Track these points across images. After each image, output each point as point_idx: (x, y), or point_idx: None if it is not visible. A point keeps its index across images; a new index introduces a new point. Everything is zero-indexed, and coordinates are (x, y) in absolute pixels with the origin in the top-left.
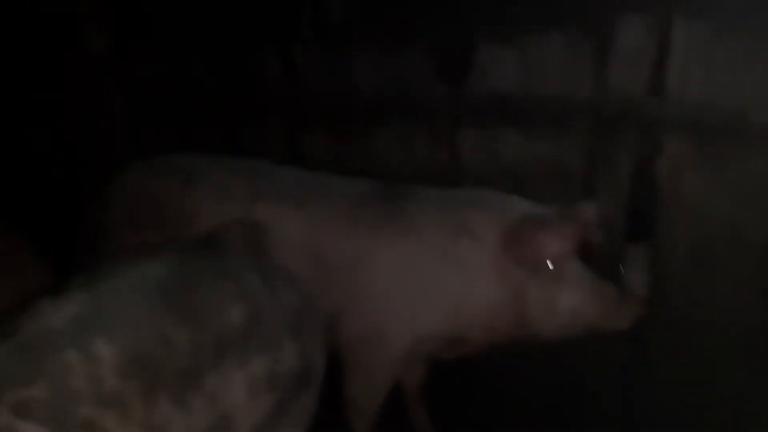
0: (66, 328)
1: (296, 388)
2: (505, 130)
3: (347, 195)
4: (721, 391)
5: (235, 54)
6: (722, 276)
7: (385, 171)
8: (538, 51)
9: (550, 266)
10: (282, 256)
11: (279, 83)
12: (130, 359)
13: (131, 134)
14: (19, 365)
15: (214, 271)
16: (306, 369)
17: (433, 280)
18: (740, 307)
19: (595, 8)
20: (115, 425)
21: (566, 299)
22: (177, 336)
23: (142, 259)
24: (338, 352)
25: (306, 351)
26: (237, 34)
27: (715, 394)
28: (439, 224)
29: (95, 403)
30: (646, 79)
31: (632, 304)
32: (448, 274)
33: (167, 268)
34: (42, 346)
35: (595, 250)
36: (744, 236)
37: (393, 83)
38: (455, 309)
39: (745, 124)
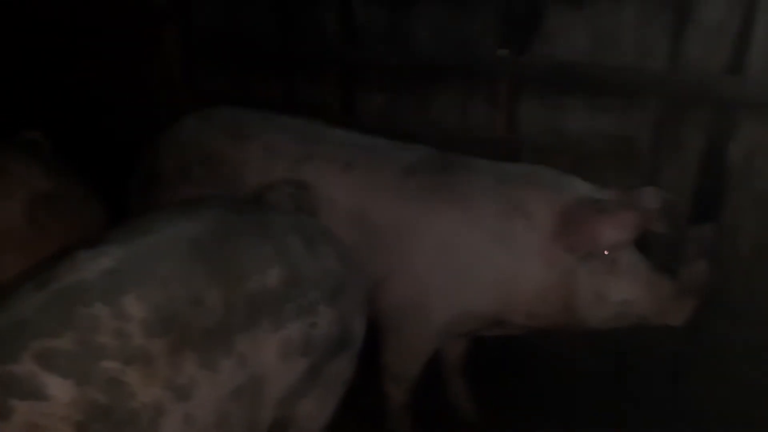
0: (98, 282)
1: (332, 353)
2: (568, 100)
3: (398, 161)
4: None
5: (294, 8)
6: None
7: (439, 135)
8: (609, 19)
9: (605, 254)
10: (326, 218)
11: (337, 39)
12: (159, 317)
13: (189, 83)
14: (48, 316)
15: (254, 232)
16: (343, 335)
17: (481, 256)
18: None
19: None
20: (138, 382)
21: (618, 291)
22: (209, 296)
23: (180, 215)
24: (377, 319)
25: (344, 317)
26: None
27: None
28: (493, 198)
29: (120, 358)
30: (725, 55)
31: (689, 300)
32: (497, 252)
33: (204, 226)
34: (73, 298)
35: (658, 236)
36: None
37: (453, 45)
38: (500, 289)
39: None
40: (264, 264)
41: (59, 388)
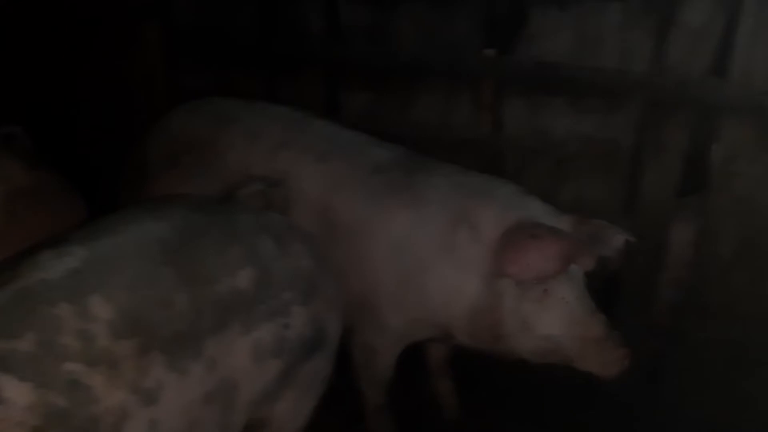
0: (62, 282)
1: (307, 354)
2: (552, 102)
3: (369, 158)
4: (754, 390)
5: (278, 5)
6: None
7: (422, 135)
8: (594, 20)
9: (536, 283)
10: (295, 208)
11: (321, 37)
12: (126, 319)
13: (170, 81)
14: (7, 316)
15: (223, 232)
16: (318, 335)
17: (426, 262)
18: None
19: None
20: (102, 386)
21: (542, 324)
22: (177, 298)
23: (147, 214)
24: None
25: (318, 317)
26: None
27: (746, 392)
28: (445, 206)
29: (83, 361)
30: (708, 58)
31: (619, 353)
32: (441, 261)
33: (172, 226)
34: (35, 298)
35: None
36: None
37: (438, 44)
38: (443, 300)
39: None
40: (234, 265)
41: (16, 392)
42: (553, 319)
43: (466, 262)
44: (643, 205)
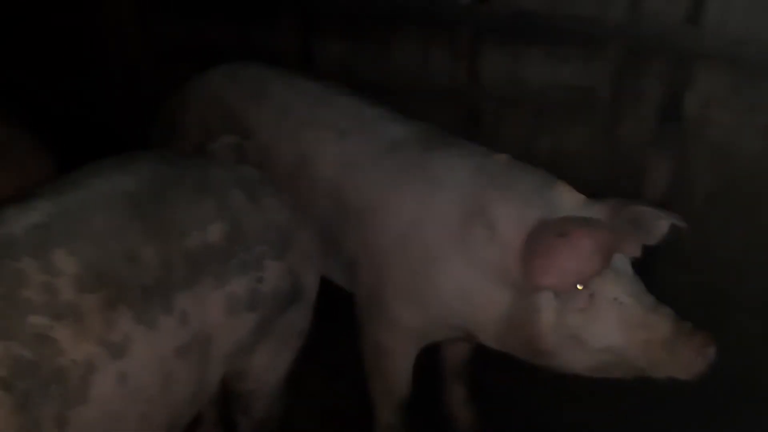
0: (26, 237)
1: (283, 307)
2: (529, 50)
3: (386, 135)
4: (730, 336)
5: None
6: (743, 216)
7: (399, 84)
8: None
9: (578, 288)
10: (314, 188)
11: None
12: (91, 273)
13: (141, 30)
14: None
15: (193, 186)
16: (294, 288)
17: (434, 252)
18: (758, 250)
19: None
20: (68, 338)
21: (597, 335)
22: (144, 251)
23: (114, 168)
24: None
25: (293, 270)
26: None
27: (723, 338)
28: (457, 191)
29: (47, 314)
30: (684, 6)
31: (698, 344)
32: (451, 254)
33: (140, 180)
34: None
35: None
36: None
37: None
38: (459, 299)
39: None
40: (204, 219)
41: None
42: (607, 327)
43: (485, 265)
44: (619, 153)
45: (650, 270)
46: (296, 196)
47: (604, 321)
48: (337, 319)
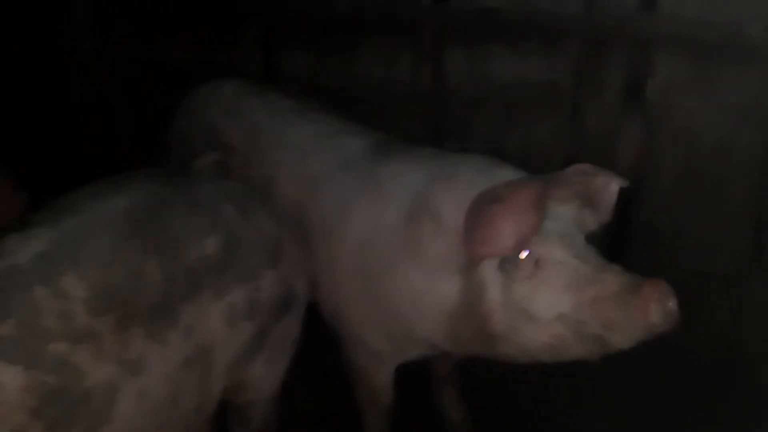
0: (33, 266)
1: (277, 315)
2: (493, 47)
3: (342, 151)
4: (703, 318)
5: None
6: (711, 199)
7: (366, 91)
8: None
9: (522, 257)
10: (282, 209)
11: None
12: (101, 294)
13: (101, 53)
14: None
15: (186, 202)
16: (287, 295)
17: (391, 266)
18: (728, 233)
19: None
20: (89, 361)
21: (545, 305)
22: (148, 269)
23: (108, 190)
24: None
25: (286, 278)
26: None
27: (696, 320)
28: (404, 198)
29: (66, 339)
30: None
31: (653, 294)
32: (406, 262)
33: (135, 200)
34: (9, 284)
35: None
36: (736, 157)
37: None
38: (416, 307)
39: (740, 40)
40: (200, 233)
41: (8, 375)
42: (555, 293)
43: (432, 260)
44: (586, 143)
45: (621, 254)
46: None
47: (551, 287)
48: (322, 323)
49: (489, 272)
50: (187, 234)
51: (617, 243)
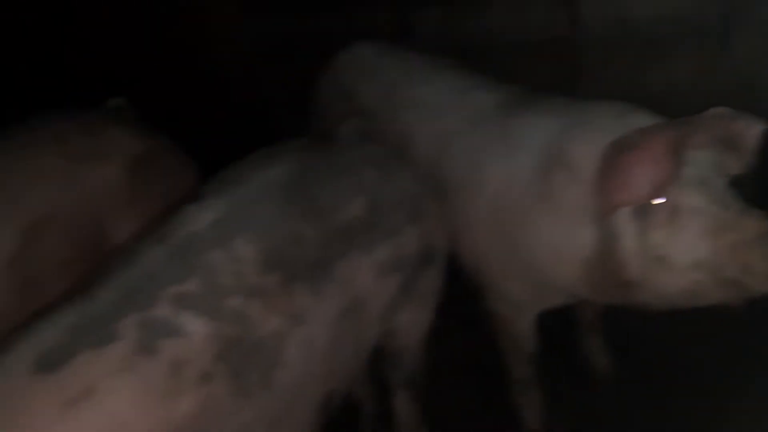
0: (209, 232)
1: (420, 268)
2: None
3: (473, 106)
4: None
5: None
6: None
7: (499, 41)
8: None
9: (656, 203)
10: (418, 169)
11: None
12: (267, 255)
13: (245, 23)
14: (173, 265)
15: (332, 168)
16: (427, 249)
17: (524, 218)
18: None
19: None
20: (259, 314)
21: (683, 251)
22: (305, 231)
23: (264, 163)
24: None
25: (427, 233)
26: None
27: None
28: (537, 148)
29: (241, 295)
30: None
31: None
32: (539, 214)
33: (288, 170)
34: (191, 248)
35: None
36: None
37: None
38: (549, 258)
39: None
40: (347, 196)
41: (195, 326)
42: (692, 239)
43: (567, 210)
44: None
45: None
46: None
47: (688, 234)
48: (464, 274)
49: (624, 220)
50: (336, 197)
51: (761, 187)
